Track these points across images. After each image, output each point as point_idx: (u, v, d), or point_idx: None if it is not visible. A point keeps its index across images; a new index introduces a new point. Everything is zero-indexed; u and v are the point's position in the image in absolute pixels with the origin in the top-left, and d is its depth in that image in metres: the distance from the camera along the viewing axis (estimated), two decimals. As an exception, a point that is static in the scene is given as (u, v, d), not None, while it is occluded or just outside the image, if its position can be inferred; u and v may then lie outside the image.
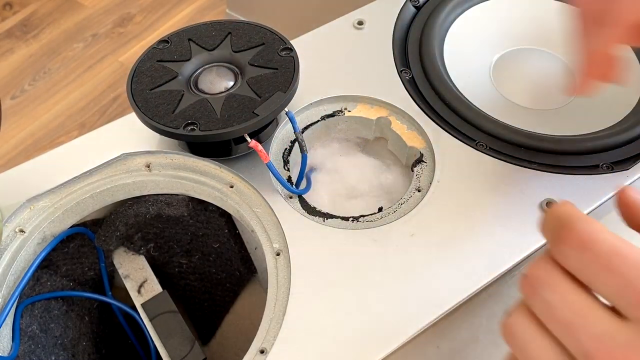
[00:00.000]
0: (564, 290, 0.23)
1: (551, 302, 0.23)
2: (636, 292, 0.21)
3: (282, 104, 0.39)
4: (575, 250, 0.23)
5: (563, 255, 0.24)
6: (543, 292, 0.24)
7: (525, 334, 0.25)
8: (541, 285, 0.24)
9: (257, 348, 0.34)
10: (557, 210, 0.25)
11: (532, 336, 0.24)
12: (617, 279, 0.22)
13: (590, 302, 0.23)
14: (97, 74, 1.50)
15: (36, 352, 0.42)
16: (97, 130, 0.45)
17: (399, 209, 0.39)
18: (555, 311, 0.23)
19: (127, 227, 0.45)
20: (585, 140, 0.41)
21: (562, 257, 0.24)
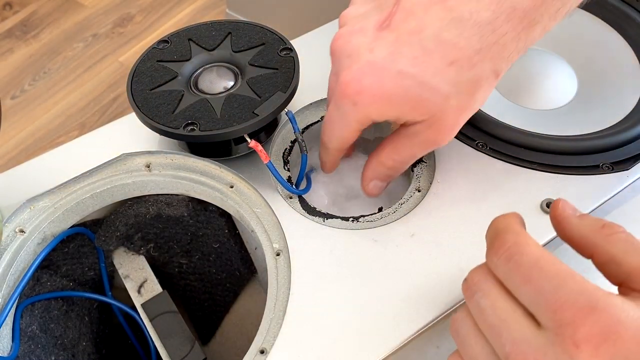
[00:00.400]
0: (493, 296, 0.26)
1: (482, 306, 0.26)
2: (548, 303, 0.24)
3: (282, 104, 0.39)
4: (502, 260, 0.26)
5: (493, 264, 0.26)
6: (477, 297, 0.27)
7: (466, 332, 0.27)
8: (476, 290, 0.27)
9: (257, 348, 0.34)
10: (495, 221, 0.28)
11: (470, 335, 0.27)
12: (533, 290, 0.24)
13: (514, 309, 0.25)
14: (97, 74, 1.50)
15: (36, 352, 0.42)
16: (97, 130, 0.45)
17: (399, 209, 0.39)
18: (485, 315, 0.26)
19: (127, 227, 0.45)
20: (585, 140, 0.41)
21: (493, 266, 0.26)
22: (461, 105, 0.33)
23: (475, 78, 0.32)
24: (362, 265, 0.36)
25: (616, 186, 0.39)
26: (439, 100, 0.32)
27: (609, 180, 0.39)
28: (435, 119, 0.33)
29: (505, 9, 0.30)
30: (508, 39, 0.31)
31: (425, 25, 0.31)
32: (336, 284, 0.36)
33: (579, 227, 0.28)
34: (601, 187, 0.39)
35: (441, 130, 0.34)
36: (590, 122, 0.43)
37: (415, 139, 0.35)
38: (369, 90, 0.32)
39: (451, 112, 0.33)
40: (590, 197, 0.39)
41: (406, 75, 0.31)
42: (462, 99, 0.32)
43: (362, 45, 0.33)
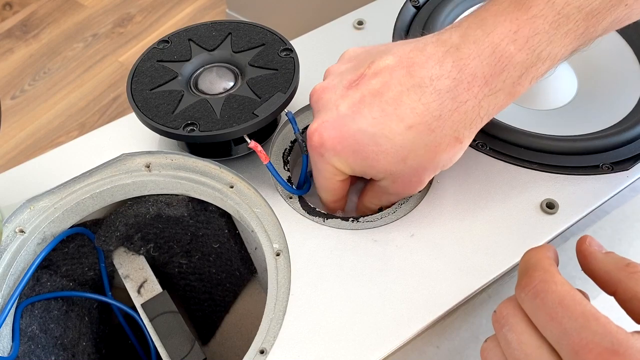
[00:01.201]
0: (520, 331, 0.27)
1: (509, 340, 0.27)
2: (571, 342, 0.24)
3: (282, 104, 0.39)
4: (529, 296, 0.27)
5: (521, 299, 0.27)
6: (505, 330, 0.27)
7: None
8: (504, 323, 0.28)
9: (257, 348, 0.34)
10: (527, 255, 0.29)
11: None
12: (558, 328, 0.25)
13: (539, 345, 0.26)
14: (97, 74, 1.50)
15: (36, 352, 0.42)
16: (97, 130, 0.45)
17: (399, 209, 0.39)
18: (512, 349, 0.27)
19: (127, 227, 0.45)
20: (585, 140, 0.41)
21: (521, 300, 0.27)
22: (422, 165, 0.34)
23: (435, 143, 0.33)
24: (362, 265, 0.36)
25: (616, 186, 0.39)
26: (396, 160, 0.34)
27: (609, 180, 0.39)
28: (396, 177, 0.35)
29: (466, 77, 0.31)
30: (469, 107, 0.32)
31: (388, 88, 0.33)
32: (336, 284, 0.36)
33: (604, 263, 0.29)
34: (601, 187, 0.39)
35: (406, 185, 0.36)
36: (590, 122, 0.43)
37: (385, 191, 0.37)
38: (329, 142, 0.34)
39: (412, 172, 0.35)
40: (590, 197, 0.39)
41: (365, 133, 0.33)
42: (421, 160, 0.34)
43: (331, 101, 0.35)
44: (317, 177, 0.38)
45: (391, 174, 0.35)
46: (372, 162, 0.34)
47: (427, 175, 0.35)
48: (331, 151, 0.35)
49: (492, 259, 0.36)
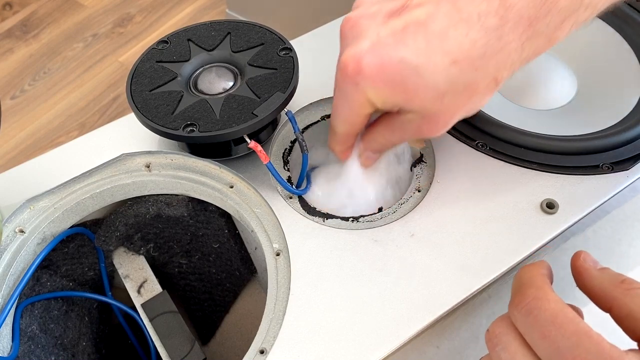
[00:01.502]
0: (513, 350, 0.27)
1: (503, 359, 0.27)
2: (560, 354, 0.24)
3: (282, 104, 0.39)
4: (522, 314, 0.27)
5: (514, 317, 0.27)
6: (498, 349, 0.27)
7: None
8: (497, 342, 0.28)
9: (257, 348, 0.34)
10: (521, 271, 0.29)
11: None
12: (551, 346, 0.25)
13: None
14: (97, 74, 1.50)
15: (36, 352, 0.42)
16: (97, 130, 0.45)
17: (399, 209, 0.39)
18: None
19: (127, 227, 0.45)
20: (585, 140, 0.41)
21: (514, 318, 0.27)
22: (457, 105, 0.33)
23: (475, 81, 0.32)
24: (362, 265, 0.36)
25: (616, 186, 0.39)
26: (434, 96, 0.32)
27: (609, 180, 0.39)
28: (429, 113, 0.33)
29: (512, 17, 0.30)
30: (512, 48, 0.31)
31: (434, 20, 0.31)
32: (336, 284, 0.36)
33: (599, 280, 0.28)
34: (601, 187, 0.39)
35: (433, 124, 0.34)
36: (590, 122, 0.43)
37: (408, 126, 0.35)
38: (368, 70, 0.32)
39: (445, 110, 0.33)
40: (590, 197, 0.39)
41: (407, 64, 0.31)
42: (458, 100, 0.32)
43: (370, 28, 0.33)
44: (341, 107, 0.35)
45: (424, 110, 0.33)
46: (410, 95, 0.32)
47: (459, 116, 0.34)
48: (369, 80, 0.32)
49: (492, 259, 0.36)
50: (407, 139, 0.37)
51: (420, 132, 0.35)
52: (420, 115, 0.34)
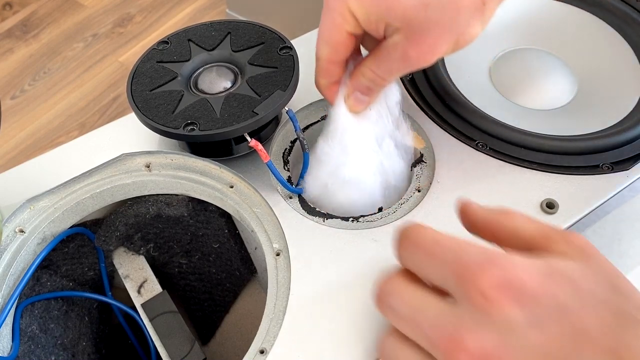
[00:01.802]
0: (401, 291, 0.27)
1: (394, 306, 0.27)
2: (453, 271, 0.25)
3: (282, 102, 0.39)
4: (408, 250, 0.27)
5: (403, 258, 0.28)
6: (388, 300, 0.27)
7: (393, 350, 0.27)
8: (385, 294, 0.28)
9: (257, 348, 0.34)
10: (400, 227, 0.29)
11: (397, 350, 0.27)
12: (438, 263, 0.26)
13: (424, 295, 0.26)
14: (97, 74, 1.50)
15: (36, 352, 0.42)
16: (97, 130, 0.45)
17: (399, 209, 0.39)
18: (399, 313, 0.27)
19: (127, 227, 0.45)
20: (585, 140, 0.41)
21: (403, 260, 0.28)
22: (442, 23, 0.33)
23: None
24: (362, 265, 0.36)
25: (616, 186, 0.39)
26: (416, 4, 0.32)
27: (609, 180, 0.39)
28: (413, 30, 0.33)
29: None
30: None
31: None
32: (336, 283, 0.36)
33: (482, 212, 0.29)
34: (601, 187, 0.39)
35: (419, 45, 0.33)
36: (590, 122, 0.43)
37: (394, 53, 0.34)
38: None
39: (431, 27, 0.33)
40: (590, 197, 0.39)
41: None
42: (442, 15, 0.32)
43: None
44: (323, 24, 0.36)
45: (408, 24, 0.33)
46: (392, 3, 0.32)
47: (445, 39, 0.33)
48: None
49: (492, 259, 0.36)
50: (392, 71, 0.36)
51: (405, 59, 0.35)
52: (404, 34, 0.33)
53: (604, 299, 0.24)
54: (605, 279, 0.25)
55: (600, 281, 0.25)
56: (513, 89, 0.47)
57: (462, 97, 0.43)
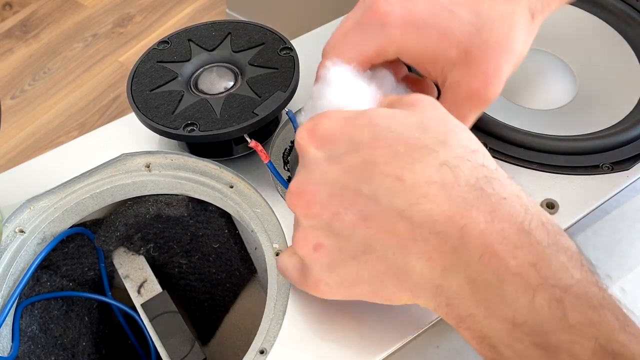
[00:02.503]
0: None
1: None
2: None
3: (282, 103, 0.39)
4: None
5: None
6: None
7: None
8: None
9: (257, 348, 0.34)
10: None
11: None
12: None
13: None
14: (97, 74, 1.50)
15: (36, 352, 0.42)
16: (97, 130, 0.45)
17: (399, 209, 0.39)
18: None
19: (127, 227, 0.45)
20: (585, 140, 0.41)
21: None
22: (498, 43, 0.32)
23: (509, 12, 0.32)
24: (362, 265, 0.36)
25: (616, 186, 0.39)
26: (469, 29, 0.31)
27: (609, 180, 0.39)
28: (471, 58, 0.32)
29: None
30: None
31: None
32: (336, 284, 0.36)
33: None
34: (601, 187, 0.39)
35: (482, 75, 0.32)
36: (590, 122, 0.43)
37: (458, 92, 0.33)
38: (398, 13, 0.32)
39: (488, 51, 0.32)
40: (590, 197, 0.39)
41: (437, 2, 0.32)
42: (496, 35, 0.31)
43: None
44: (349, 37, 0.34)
45: (465, 53, 0.32)
46: (441, 30, 0.32)
47: (505, 60, 0.32)
48: (398, 21, 0.32)
49: (492, 259, 0.36)
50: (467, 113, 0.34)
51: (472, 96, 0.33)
52: (465, 67, 0.32)
53: (401, 135, 0.28)
54: (416, 121, 0.28)
55: (408, 122, 0.28)
56: (513, 89, 0.46)
57: (462, 97, 0.43)
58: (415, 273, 0.27)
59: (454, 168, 0.27)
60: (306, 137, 0.30)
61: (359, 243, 0.28)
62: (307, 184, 0.29)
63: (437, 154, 0.27)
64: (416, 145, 0.27)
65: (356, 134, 0.28)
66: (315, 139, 0.29)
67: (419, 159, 0.27)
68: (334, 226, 0.28)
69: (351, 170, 0.28)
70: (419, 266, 0.27)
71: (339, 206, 0.28)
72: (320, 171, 0.29)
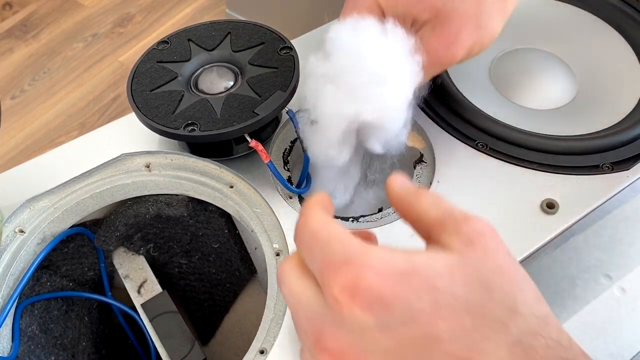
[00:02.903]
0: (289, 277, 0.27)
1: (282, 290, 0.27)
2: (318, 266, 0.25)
3: (282, 103, 0.39)
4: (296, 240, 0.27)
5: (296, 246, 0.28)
6: (279, 283, 0.28)
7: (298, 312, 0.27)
8: (279, 277, 0.28)
9: (257, 348, 0.34)
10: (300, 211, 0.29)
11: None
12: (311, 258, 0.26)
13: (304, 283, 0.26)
14: (97, 74, 1.50)
15: (36, 352, 0.42)
16: (97, 130, 0.45)
17: (399, 209, 0.39)
18: (285, 298, 0.27)
19: (127, 227, 0.45)
20: (585, 140, 0.41)
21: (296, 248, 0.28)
22: (465, 12, 0.34)
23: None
24: (362, 265, 0.36)
25: (616, 186, 0.39)
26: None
27: (609, 180, 0.39)
28: (439, 20, 0.34)
29: None
30: None
31: None
32: (336, 284, 0.36)
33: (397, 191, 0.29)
34: (601, 187, 0.39)
35: (443, 37, 0.34)
36: (590, 122, 0.43)
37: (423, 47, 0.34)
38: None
39: (454, 17, 0.34)
40: (590, 197, 0.39)
41: None
42: (466, 5, 0.33)
43: None
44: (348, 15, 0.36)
45: (435, 15, 0.34)
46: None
47: (467, 30, 0.34)
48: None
49: (492, 259, 0.36)
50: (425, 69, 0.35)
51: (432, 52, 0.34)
52: (430, 27, 0.34)
53: (466, 301, 0.23)
54: (479, 277, 0.24)
55: (470, 280, 0.24)
56: (513, 89, 0.47)
57: (462, 97, 0.43)
58: None
59: (528, 349, 0.23)
60: (348, 296, 0.24)
61: None
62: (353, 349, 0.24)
63: (509, 329, 0.23)
64: (484, 317, 0.23)
65: (414, 300, 0.23)
66: (362, 300, 0.23)
67: (488, 336, 0.23)
68: None
69: (409, 345, 0.23)
70: None
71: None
72: (370, 340, 0.24)
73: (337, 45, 0.33)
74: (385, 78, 0.33)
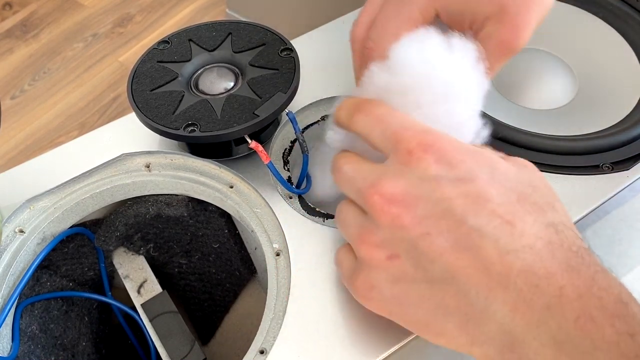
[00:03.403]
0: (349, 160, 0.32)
1: (343, 169, 0.32)
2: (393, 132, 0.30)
3: (283, 104, 0.39)
4: (364, 113, 0.32)
5: (356, 121, 0.32)
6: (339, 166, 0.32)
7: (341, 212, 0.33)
8: (338, 163, 0.32)
9: (257, 348, 0.34)
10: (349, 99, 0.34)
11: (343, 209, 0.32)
12: (384, 127, 0.30)
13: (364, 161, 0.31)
14: (97, 74, 1.50)
15: (36, 352, 0.42)
16: (97, 130, 0.45)
17: (399, 209, 0.39)
18: (345, 174, 0.32)
19: (127, 227, 0.45)
20: (585, 140, 0.41)
21: (355, 123, 0.32)
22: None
23: None
24: (362, 265, 0.36)
25: (616, 186, 0.39)
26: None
27: (609, 180, 0.39)
28: (504, 12, 0.33)
29: None
30: None
31: None
32: (336, 283, 0.36)
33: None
34: (601, 187, 0.39)
35: (513, 27, 0.33)
36: (590, 122, 0.43)
37: (489, 43, 0.34)
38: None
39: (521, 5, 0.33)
40: (590, 197, 0.39)
41: None
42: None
43: None
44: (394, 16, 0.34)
45: (499, 8, 0.33)
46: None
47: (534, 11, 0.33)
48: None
49: (492, 259, 0.36)
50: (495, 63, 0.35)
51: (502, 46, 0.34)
52: (497, 20, 0.33)
53: (516, 186, 0.28)
54: (528, 180, 0.29)
55: (522, 179, 0.29)
56: (513, 89, 0.47)
57: (462, 97, 0.43)
58: (493, 320, 0.26)
59: (560, 232, 0.27)
60: (422, 150, 0.28)
61: (441, 270, 0.27)
62: (409, 193, 0.28)
63: (546, 214, 0.28)
64: (528, 200, 0.28)
65: (476, 167, 0.28)
66: (434, 155, 0.28)
67: (529, 211, 0.27)
68: (418, 245, 0.27)
69: (461, 197, 0.27)
70: (501, 314, 0.26)
71: (432, 227, 0.27)
72: (429, 186, 0.27)
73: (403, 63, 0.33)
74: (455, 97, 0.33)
